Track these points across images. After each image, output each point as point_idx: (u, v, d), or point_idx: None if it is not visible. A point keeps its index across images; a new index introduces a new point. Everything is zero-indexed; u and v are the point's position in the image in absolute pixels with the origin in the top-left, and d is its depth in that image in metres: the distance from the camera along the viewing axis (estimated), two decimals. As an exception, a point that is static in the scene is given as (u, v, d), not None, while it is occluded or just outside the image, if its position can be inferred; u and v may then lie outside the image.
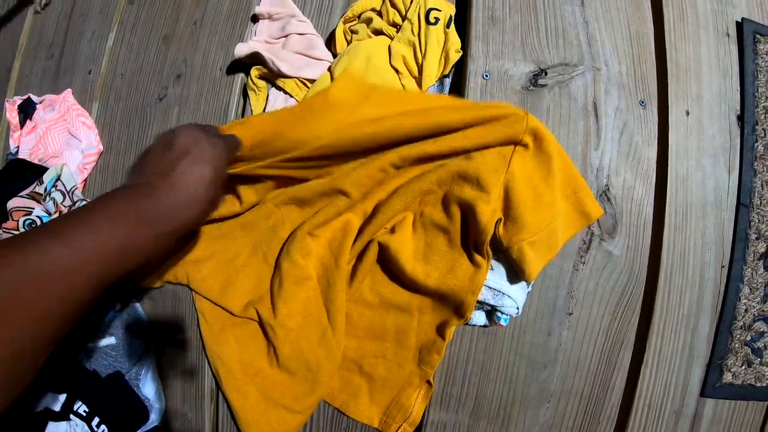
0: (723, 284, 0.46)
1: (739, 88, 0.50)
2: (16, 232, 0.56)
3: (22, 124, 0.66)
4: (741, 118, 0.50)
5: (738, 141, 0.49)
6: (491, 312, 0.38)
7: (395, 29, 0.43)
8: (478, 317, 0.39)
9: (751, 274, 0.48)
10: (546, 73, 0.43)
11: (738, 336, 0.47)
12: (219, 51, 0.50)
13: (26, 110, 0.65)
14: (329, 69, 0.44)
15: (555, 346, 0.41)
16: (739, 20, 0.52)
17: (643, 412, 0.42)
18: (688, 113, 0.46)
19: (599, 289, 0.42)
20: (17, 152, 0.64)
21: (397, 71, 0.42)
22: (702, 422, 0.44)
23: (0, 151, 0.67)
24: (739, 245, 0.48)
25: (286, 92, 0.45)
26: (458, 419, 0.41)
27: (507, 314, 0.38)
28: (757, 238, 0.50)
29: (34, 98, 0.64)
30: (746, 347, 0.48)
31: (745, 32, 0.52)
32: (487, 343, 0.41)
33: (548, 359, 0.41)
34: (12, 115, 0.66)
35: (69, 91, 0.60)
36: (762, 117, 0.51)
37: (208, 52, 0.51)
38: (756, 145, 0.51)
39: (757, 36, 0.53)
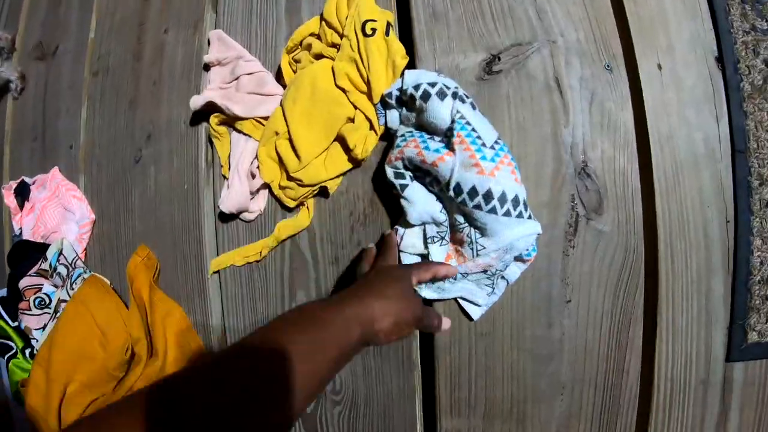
0: (731, 240, 0.43)
1: (712, 28, 0.47)
2: (30, 312, 0.59)
3: (21, 206, 0.69)
4: (720, 60, 0.46)
5: (721, 84, 0.46)
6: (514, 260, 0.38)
7: (336, 49, 0.42)
8: (513, 273, 0.39)
9: (761, 223, 0.45)
10: (499, 59, 0.41)
11: (757, 291, 0.44)
12: (180, 106, 0.51)
13: (22, 193, 0.69)
14: (281, 102, 0.44)
15: (558, 337, 0.40)
16: (701, -45, 0.48)
17: (666, 387, 0.41)
18: (660, 67, 0.44)
19: (595, 270, 0.40)
20: (21, 234, 0.68)
21: (343, 90, 0.41)
22: (733, 388, 0.42)
23: (7, 235, 0.71)
24: (741, 195, 0.45)
25: (244, 133, 0.45)
26: (471, 423, 0.41)
27: (527, 251, 0.37)
28: (760, 184, 0.46)
29: (27, 180, 0.67)
30: (769, 301, 0.45)
31: (709, -34, 0.48)
32: (487, 344, 0.40)
33: (553, 351, 0.40)
34: (10, 200, 0.70)
35: (56, 168, 0.63)
36: (743, 54, 0.48)
37: (171, 109, 0.52)
38: (741, 84, 0.47)
39: (724, -33, 0.49)
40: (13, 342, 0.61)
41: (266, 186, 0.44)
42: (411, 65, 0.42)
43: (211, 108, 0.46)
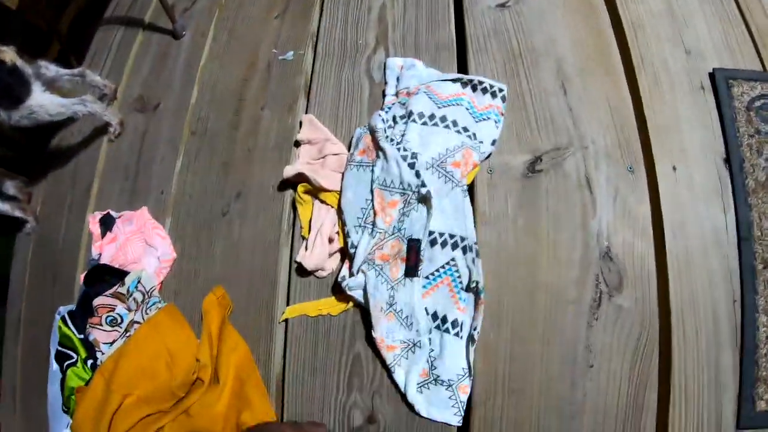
0: (739, 317, 0.50)
1: (721, 133, 0.55)
2: (101, 327, 0.67)
3: (103, 235, 0.79)
4: (727, 160, 0.54)
5: (728, 181, 0.54)
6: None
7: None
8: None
9: (766, 302, 0.52)
10: (541, 159, 0.50)
11: (764, 364, 0.50)
12: (270, 172, 0.60)
13: (107, 223, 0.79)
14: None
15: (581, 397, 0.47)
16: (711, 71, 0.57)
17: (679, 449, 0.46)
18: (674, 168, 0.52)
19: (615, 340, 0.47)
20: (99, 258, 0.77)
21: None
22: (743, 454, 0.47)
23: (83, 258, 0.80)
24: (747, 277, 0.52)
25: (327, 203, 0.54)
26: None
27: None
28: (764, 268, 0.53)
29: (113, 213, 0.78)
30: (774, 373, 0.51)
31: (718, 81, 0.57)
32: (518, 400, 0.47)
33: (576, 410, 0.46)
34: (94, 227, 0.80)
35: (145, 208, 0.73)
36: (747, 154, 0.56)
37: (262, 174, 0.62)
38: (746, 181, 0.55)
39: (730, 81, 0.57)
40: (76, 352, 0.66)
41: (340, 250, 0.53)
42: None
43: (298, 179, 0.55)
